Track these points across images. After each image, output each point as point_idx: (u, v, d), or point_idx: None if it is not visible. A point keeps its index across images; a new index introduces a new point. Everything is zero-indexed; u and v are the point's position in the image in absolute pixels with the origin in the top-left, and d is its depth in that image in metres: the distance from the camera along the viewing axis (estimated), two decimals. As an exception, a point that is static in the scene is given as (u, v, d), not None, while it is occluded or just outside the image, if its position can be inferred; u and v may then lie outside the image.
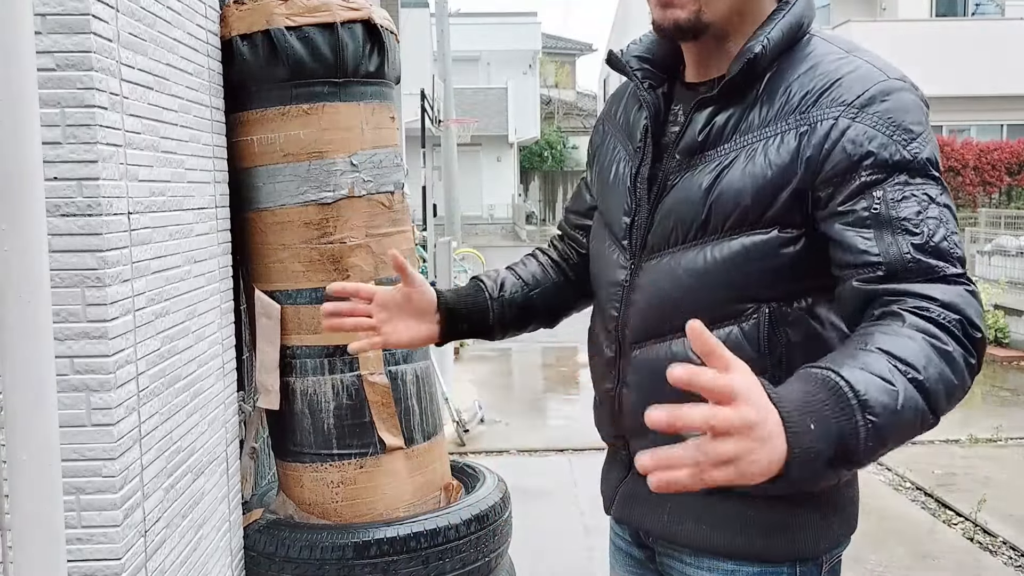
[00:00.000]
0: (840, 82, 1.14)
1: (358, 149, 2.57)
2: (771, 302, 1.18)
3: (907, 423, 0.93)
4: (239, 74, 2.52)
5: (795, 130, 1.14)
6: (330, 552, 2.42)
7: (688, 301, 1.21)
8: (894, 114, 1.10)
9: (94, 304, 1.73)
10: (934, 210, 1.07)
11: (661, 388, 1.18)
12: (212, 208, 2.40)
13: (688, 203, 1.21)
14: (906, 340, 0.97)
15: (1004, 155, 17.86)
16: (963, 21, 19.36)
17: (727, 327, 1.20)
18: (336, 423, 2.58)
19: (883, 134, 1.09)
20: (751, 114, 1.19)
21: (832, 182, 1.11)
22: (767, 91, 1.18)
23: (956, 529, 4.35)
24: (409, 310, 1.37)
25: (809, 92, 1.15)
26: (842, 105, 1.12)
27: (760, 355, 1.18)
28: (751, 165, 1.16)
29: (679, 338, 1.23)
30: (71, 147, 1.70)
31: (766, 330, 1.19)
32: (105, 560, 1.78)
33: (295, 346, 2.59)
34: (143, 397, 1.91)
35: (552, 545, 3.93)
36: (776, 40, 1.18)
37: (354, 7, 2.54)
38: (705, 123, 1.22)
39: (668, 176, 1.26)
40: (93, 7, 1.69)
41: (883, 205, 1.07)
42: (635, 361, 1.29)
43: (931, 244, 1.05)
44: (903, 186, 1.08)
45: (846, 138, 1.10)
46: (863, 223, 1.08)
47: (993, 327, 8.93)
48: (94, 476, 1.76)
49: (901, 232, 1.06)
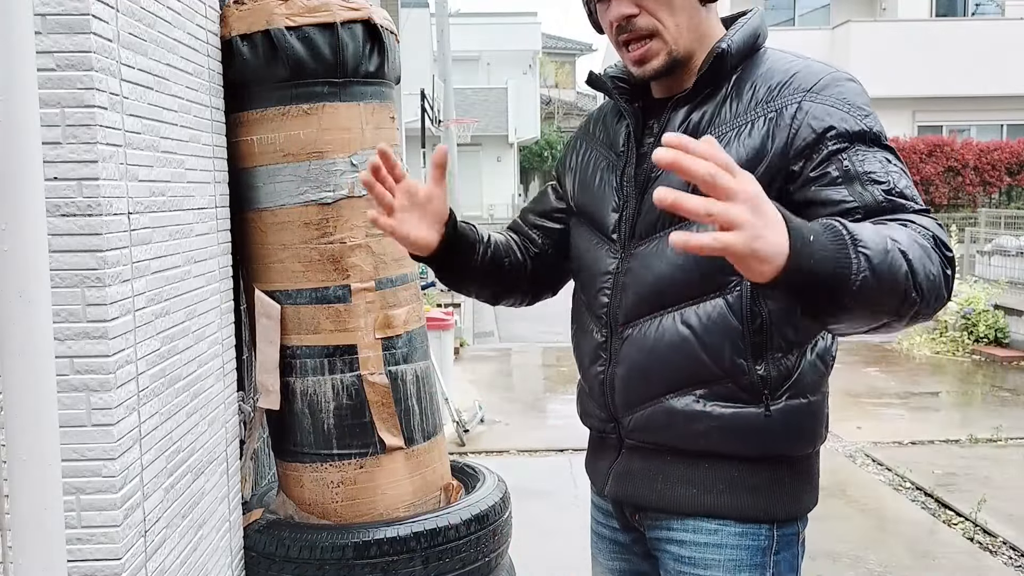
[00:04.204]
0: (797, 75, 1.31)
1: (358, 149, 2.57)
2: None
3: (893, 275, 1.01)
4: (239, 74, 2.52)
5: (763, 117, 1.29)
6: (330, 552, 2.42)
7: (679, 277, 1.34)
8: (847, 95, 1.27)
9: (94, 304, 1.73)
10: (894, 167, 1.22)
11: (653, 364, 1.39)
12: (212, 208, 2.40)
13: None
14: (892, 226, 1.10)
15: (1004, 155, 17.86)
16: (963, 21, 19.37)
17: (713, 299, 1.33)
18: (336, 423, 2.58)
19: (840, 110, 1.25)
20: (723, 110, 1.34)
21: (803, 154, 1.25)
22: (735, 89, 1.34)
23: (956, 529, 4.35)
24: (425, 211, 1.39)
25: (772, 86, 1.31)
26: (802, 91, 1.28)
27: (743, 324, 1.31)
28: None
29: (669, 313, 1.36)
30: (71, 147, 1.70)
31: (748, 300, 1.30)
32: (105, 560, 1.78)
33: (295, 346, 2.59)
34: (143, 397, 1.91)
35: (552, 545, 3.93)
36: (738, 42, 1.34)
37: (354, 7, 2.54)
38: (682, 120, 1.36)
39: (651, 171, 1.39)
40: (93, 7, 1.69)
41: (851, 164, 1.22)
42: (628, 340, 1.40)
43: (897, 189, 1.20)
44: (865, 150, 1.23)
45: (809, 115, 1.26)
46: (835, 182, 1.22)
47: (993, 327, 8.93)
48: (94, 476, 1.76)
49: (869, 183, 1.20)
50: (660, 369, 1.38)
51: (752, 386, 1.33)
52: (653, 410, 1.39)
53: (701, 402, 1.35)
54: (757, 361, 1.32)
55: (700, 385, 1.35)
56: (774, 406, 1.34)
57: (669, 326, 1.35)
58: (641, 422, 1.41)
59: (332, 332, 2.55)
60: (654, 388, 1.38)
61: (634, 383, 1.41)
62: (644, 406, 1.40)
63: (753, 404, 1.34)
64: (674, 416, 1.37)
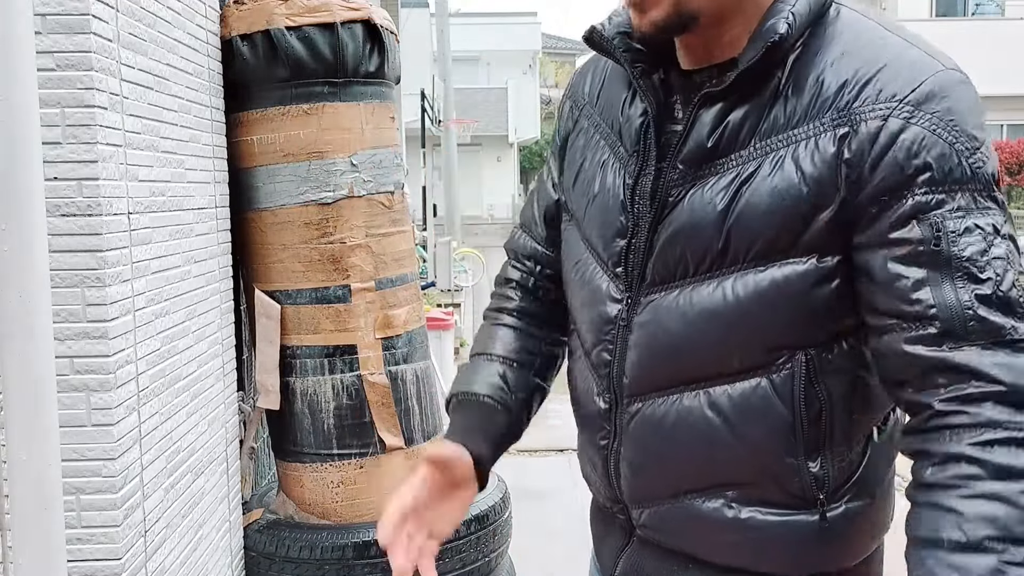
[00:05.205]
0: (886, 69, 0.90)
1: (358, 149, 2.57)
2: (808, 348, 0.95)
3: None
4: (239, 74, 2.52)
5: (832, 131, 0.90)
6: (330, 552, 2.42)
7: (704, 347, 0.98)
8: (956, 115, 0.87)
9: (94, 304, 1.73)
10: (1001, 246, 0.86)
11: (670, 453, 1.03)
12: (212, 208, 2.40)
13: (699, 226, 0.97)
14: (995, 506, 0.81)
15: (1004, 155, 17.86)
16: (963, 21, 19.37)
17: (753, 379, 0.97)
18: (336, 423, 2.58)
19: (944, 140, 0.86)
20: (774, 110, 0.94)
21: (878, 200, 0.88)
22: (793, 80, 0.94)
23: (956, 529, 4.34)
24: (446, 484, 1.10)
25: (848, 82, 0.91)
26: (892, 100, 0.88)
27: (794, 414, 0.96)
28: (778, 177, 0.93)
29: (693, 391, 1.00)
30: (71, 147, 1.70)
31: (802, 383, 0.95)
32: (105, 560, 1.78)
33: (295, 346, 2.59)
34: (143, 397, 1.91)
35: (552, 545, 3.93)
36: (803, 16, 0.93)
37: (354, 7, 2.54)
38: (715, 123, 0.96)
39: (669, 190, 1.00)
40: (93, 7, 1.69)
41: (943, 234, 0.86)
42: (638, 418, 1.05)
43: (999, 294, 0.84)
44: (966, 212, 0.86)
45: (899, 144, 0.87)
46: (914, 260, 0.87)
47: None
48: (94, 476, 1.76)
49: (963, 276, 0.85)
50: (679, 462, 1.03)
51: (804, 489, 0.99)
52: (671, 508, 1.05)
53: (734, 507, 1.01)
54: (812, 457, 0.98)
55: (732, 487, 1.01)
56: (832, 512, 1.00)
57: (692, 409, 1.00)
58: (654, 520, 1.08)
59: (332, 332, 2.55)
60: (671, 483, 1.05)
61: (646, 474, 1.07)
62: (658, 503, 1.07)
63: (804, 511, 0.99)
64: (698, 521, 1.03)
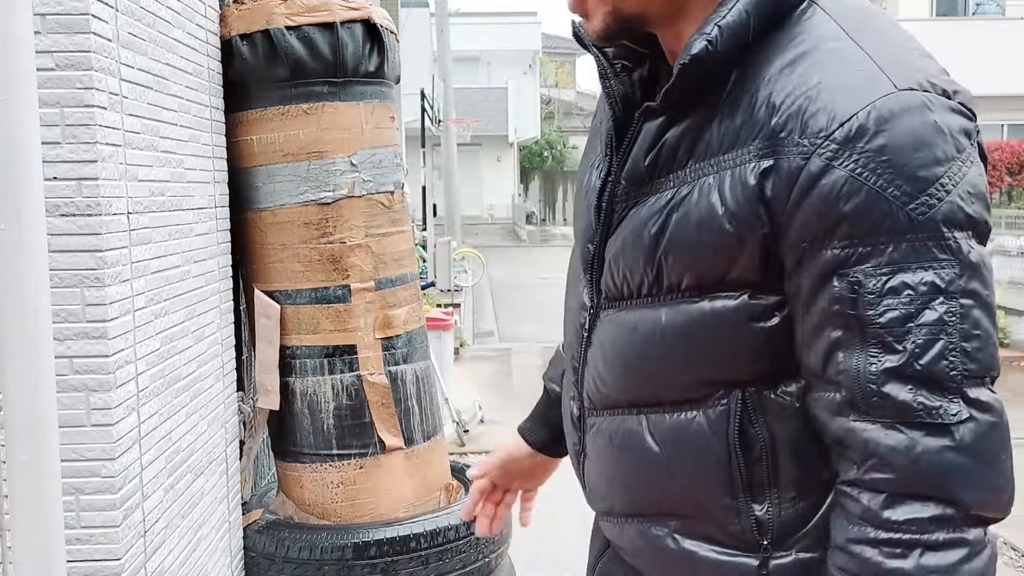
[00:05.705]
0: (821, 94, 0.78)
1: (358, 149, 2.57)
2: (747, 385, 0.87)
3: None
4: (239, 74, 2.52)
5: (756, 162, 0.80)
6: (330, 552, 2.42)
7: (644, 372, 0.93)
8: (892, 155, 0.75)
9: (94, 304, 1.73)
10: (936, 310, 0.74)
11: (619, 472, 1.00)
12: (212, 208, 2.40)
13: (636, 248, 0.91)
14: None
15: (1004, 155, 17.86)
16: (963, 21, 19.35)
17: (689, 411, 0.90)
18: (336, 423, 2.58)
19: (871, 186, 0.75)
20: (710, 129, 0.85)
21: (799, 247, 0.79)
22: (734, 95, 0.84)
23: (956, 529, 4.35)
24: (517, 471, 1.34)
25: (777, 107, 0.80)
26: (818, 136, 0.77)
27: (730, 453, 0.88)
28: (704, 207, 0.85)
29: (636, 414, 0.95)
30: (70, 147, 1.70)
31: (736, 422, 0.87)
32: (105, 560, 1.77)
33: (295, 346, 2.59)
34: (143, 397, 1.91)
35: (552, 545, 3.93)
36: (735, 27, 0.82)
37: (354, 7, 2.54)
38: (653, 141, 0.90)
39: (614, 205, 0.95)
40: (93, 7, 1.69)
41: (858, 300, 0.76)
42: (594, 432, 1.02)
43: (915, 368, 0.75)
44: (896, 268, 0.75)
45: (818, 190, 0.77)
46: (830, 319, 0.78)
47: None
48: (93, 476, 1.76)
49: (876, 345, 0.76)
50: (627, 482, 0.99)
51: (745, 531, 0.90)
52: (627, 526, 1.02)
53: (676, 538, 0.95)
54: (757, 500, 0.89)
55: (675, 517, 0.95)
56: (778, 560, 0.89)
57: (635, 432, 0.95)
58: (614, 533, 1.05)
59: (332, 332, 2.55)
60: (625, 502, 1.01)
61: (602, 489, 1.04)
62: (617, 519, 1.03)
63: (747, 554, 0.90)
64: (648, 545, 0.99)
